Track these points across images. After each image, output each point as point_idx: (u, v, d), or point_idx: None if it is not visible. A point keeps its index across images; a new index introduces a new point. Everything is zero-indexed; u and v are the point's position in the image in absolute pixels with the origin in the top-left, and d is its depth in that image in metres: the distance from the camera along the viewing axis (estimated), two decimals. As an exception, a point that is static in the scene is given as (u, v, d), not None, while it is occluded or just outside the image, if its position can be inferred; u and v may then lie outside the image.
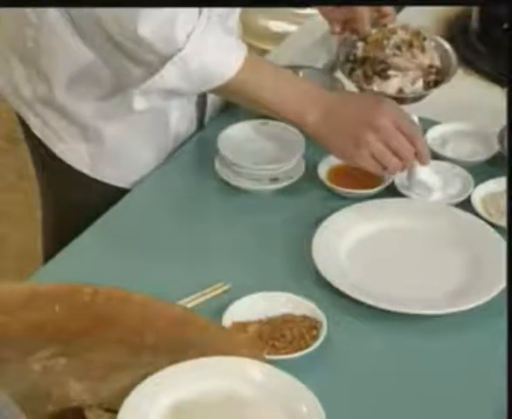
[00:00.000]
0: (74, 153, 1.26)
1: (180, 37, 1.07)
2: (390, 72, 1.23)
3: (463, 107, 1.36)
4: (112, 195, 1.24)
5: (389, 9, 1.29)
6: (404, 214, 1.18)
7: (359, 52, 1.28)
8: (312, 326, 1.03)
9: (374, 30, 1.29)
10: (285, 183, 1.23)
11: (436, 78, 1.27)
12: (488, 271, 1.10)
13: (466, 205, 1.19)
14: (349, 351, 1.03)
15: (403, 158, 1.14)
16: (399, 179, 1.22)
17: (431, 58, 1.27)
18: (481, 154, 1.27)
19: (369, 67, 1.27)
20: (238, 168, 1.23)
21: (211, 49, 1.10)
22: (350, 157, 1.15)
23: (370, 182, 1.23)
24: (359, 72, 1.28)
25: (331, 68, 1.45)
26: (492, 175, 1.22)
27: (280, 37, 1.88)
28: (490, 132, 1.28)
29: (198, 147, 1.31)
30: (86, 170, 1.26)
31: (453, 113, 1.34)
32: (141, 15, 1.06)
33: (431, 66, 1.27)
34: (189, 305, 1.03)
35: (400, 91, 1.25)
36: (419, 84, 1.25)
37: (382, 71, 1.24)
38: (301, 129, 1.19)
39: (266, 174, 1.23)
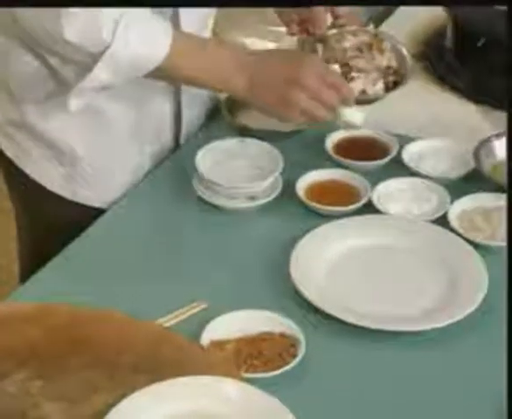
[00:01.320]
0: (46, 173, 1.26)
1: (106, 34, 1.09)
2: (353, 74, 1.26)
3: (439, 124, 1.37)
4: (88, 214, 1.24)
5: (343, 10, 1.31)
6: (382, 230, 1.18)
7: (319, 54, 1.30)
8: (290, 343, 1.03)
9: (333, 32, 1.31)
10: (262, 201, 1.23)
11: (394, 78, 1.30)
12: (465, 286, 1.10)
13: (442, 221, 1.20)
14: (327, 369, 1.02)
15: (330, 108, 1.18)
16: (377, 196, 1.23)
17: (388, 59, 1.30)
18: (458, 170, 1.28)
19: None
20: (215, 187, 1.23)
21: (138, 41, 1.11)
22: (281, 116, 1.19)
23: (348, 199, 1.23)
24: None
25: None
26: (468, 192, 1.23)
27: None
28: (466, 149, 1.28)
29: (176, 166, 1.31)
30: (59, 191, 1.26)
31: (429, 129, 1.35)
32: (65, 18, 1.07)
33: (388, 67, 1.29)
34: (167, 325, 1.03)
35: (363, 92, 1.27)
36: (380, 85, 1.28)
37: (345, 73, 1.26)
38: (234, 95, 1.22)
39: (244, 192, 1.23)
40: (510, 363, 0.96)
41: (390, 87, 1.29)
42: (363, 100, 1.28)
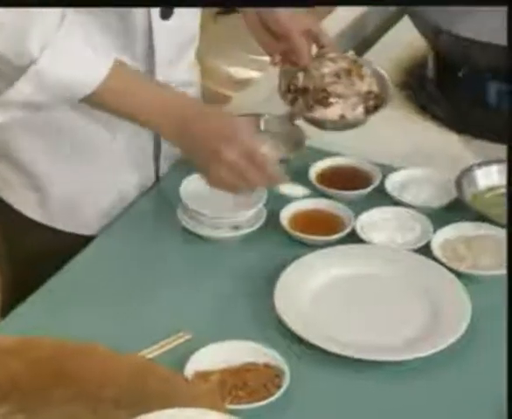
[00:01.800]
0: (22, 199, 1.25)
1: (33, 49, 1.08)
2: (331, 100, 1.28)
3: (421, 154, 1.38)
4: (70, 242, 1.24)
5: (327, 40, 1.33)
6: (365, 260, 1.19)
7: (299, 83, 1.32)
8: (274, 374, 1.03)
9: (313, 61, 1.32)
10: (246, 231, 1.24)
11: (375, 102, 1.31)
12: (448, 316, 1.11)
13: (425, 251, 1.20)
14: (312, 399, 1.03)
15: (253, 186, 1.17)
16: (360, 225, 1.24)
17: (369, 84, 1.32)
18: (440, 199, 1.29)
19: (310, 96, 1.31)
20: (199, 217, 1.23)
21: (69, 63, 1.10)
22: (207, 181, 1.18)
23: (332, 229, 1.24)
24: (301, 102, 1.32)
25: (292, 116, 1.47)
26: (450, 221, 1.24)
27: (242, 84, 1.90)
28: (448, 178, 1.29)
29: (160, 196, 1.31)
30: (35, 217, 1.25)
31: (411, 159, 1.36)
32: None
33: (369, 92, 1.31)
34: (151, 356, 1.02)
35: (342, 117, 1.29)
36: (360, 109, 1.29)
37: (323, 98, 1.29)
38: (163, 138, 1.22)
39: (228, 222, 1.24)
40: (510, 364, 0.96)
41: (371, 111, 1.30)
42: (343, 125, 1.30)
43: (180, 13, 1.23)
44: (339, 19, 1.66)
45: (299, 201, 1.27)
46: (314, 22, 1.33)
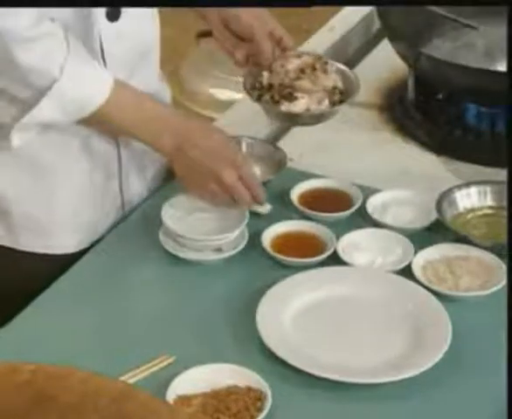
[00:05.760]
0: None
1: (55, 68, 1.10)
2: (297, 94, 1.29)
3: (402, 175, 1.39)
4: (42, 264, 1.22)
5: (290, 43, 1.33)
6: (347, 282, 1.19)
7: (264, 80, 1.33)
8: (257, 397, 1.03)
9: (277, 59, 1.33)
10: (228, 253, 1.24)
11: (341, 98, 1.33)
12: (429, 337, 1.11)
13: (406, 272, 1.21)
14: (294, 422, 1.03)
15: (241, 204, 1.23)
16: (341, 247, 1.24)
17: (334, 80, 1.32)
18: (421, 221, 1.29)
19: (276, 92, 1.31)
20: (181, 239, 1.23)
21: (84, 78, 1.13)
22: (200, 196, 1.24)
23: (313, 251, 1.24)
24: (267, 97, 1.31)
25: (274, 138, 1.47)
26: (431, 242, 1.24)
27: (224, 106, 1.91)
28: (428, 199, 1.30)
29: (142, 219, 1.31)
30: (7, 243, 1.23)
31: (392, 181, 1.36)
32: (16, 48, 1.08)
33: (334, 87, 1.32)
34: (132, 380, 1.02)
35: (308, 110, 1.30)
36: (325, 103, 1.31)
37: (288, 94, 1.30)
38: (160, 154, 1.24)
39: (210, 244, 1.24)
40: (510, 364, 0.96)
41: (337, 105, 1.32)
42: (309, 118, 1.31)
43: (130, 15, 1.19)
44: (320, 41, 1.67)
45: (280, 223, 1.28)
46: (277, 24, 1.32)
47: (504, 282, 1.17)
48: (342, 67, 1.37)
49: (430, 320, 1.13)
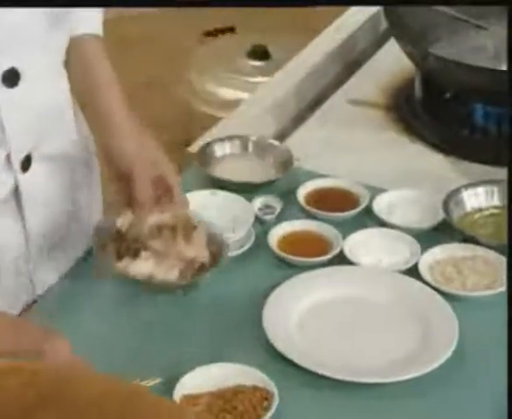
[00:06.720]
0: None
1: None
2: (143, 253, 1.10)
3: (409, 175, 1.38)
4: None
5: (180, 198, 1.15)
6: (353, 282, 1.19)
7: (117, 227, 1.12)
8: (263, 397, 1.03)
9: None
10: (235, 253, 1.23)
11: (201, 270, 1.13)
12: (436, 337, 1.11)
13: (413, 272, 1.20)
14: (300, 421, 1.02)
15: None
16: (348, 247, 1.24)
17: (196, 251, 1.12)
18: (428, 221, 1.29)
19: (123, 244, 1.11)
20: (187, 239, 1.22)
21: None
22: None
23: (320, 250, 1.24)
24: (111, 247, 1.11)
25: (281, 137, 1.47)
26: (438, 242, 1.24)
27: (230, 105, 1.90)
28: (435, 199, 1.30)
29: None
30: None
31: (399, 180, 1.36)
32: None
33: (195, 259, 1.12)
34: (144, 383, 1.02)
35: (151, 276, 1.10)
36: (175, 273, 1.11)
37: (135, 250, 1.10)
38: None
39: (216, 244, 1.22)
40: (510, 364, 0.96)
41: (194, 275, 1.12)
42: (147, 285, 1.10)
43: (32, 79, 1.05)
44: (327, 41, 1.67)
45: (286, 222, 1.27)
46: (173, 173, 1.14)
47: None
48: (215, 231, 1.16)
49: (437, 320, 1.13)
